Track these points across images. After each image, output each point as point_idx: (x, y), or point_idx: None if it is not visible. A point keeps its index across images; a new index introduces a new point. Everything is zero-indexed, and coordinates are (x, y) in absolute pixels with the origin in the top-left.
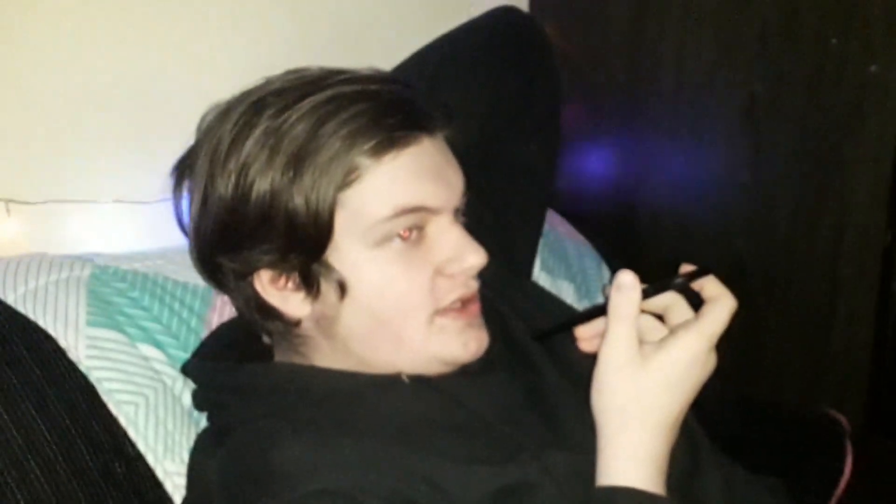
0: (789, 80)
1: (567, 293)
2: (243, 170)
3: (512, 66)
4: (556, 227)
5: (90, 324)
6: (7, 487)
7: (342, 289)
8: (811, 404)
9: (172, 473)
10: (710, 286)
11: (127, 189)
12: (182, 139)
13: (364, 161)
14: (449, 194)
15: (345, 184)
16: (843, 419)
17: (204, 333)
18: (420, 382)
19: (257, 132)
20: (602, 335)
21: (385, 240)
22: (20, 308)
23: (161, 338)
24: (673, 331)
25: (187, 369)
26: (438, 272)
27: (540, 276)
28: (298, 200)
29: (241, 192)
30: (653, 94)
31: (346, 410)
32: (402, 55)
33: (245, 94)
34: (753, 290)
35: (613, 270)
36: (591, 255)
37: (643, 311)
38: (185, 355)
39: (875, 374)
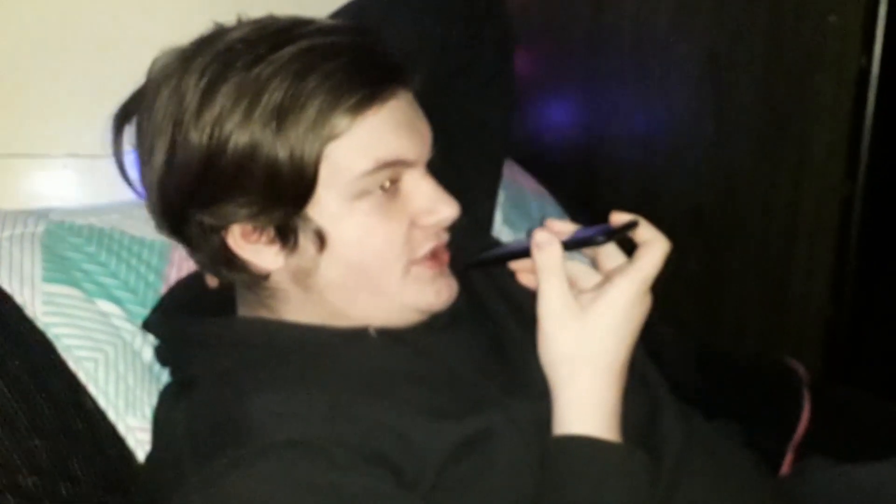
0: (749, 31)
1: None
2: (218, 122)
3: (459, 14)
4: (517, 180)
5: (46, 280)
6: None
7: (321, 241)
8: (770, 352)
9: (134, 429)
10: (642, 230)
11: (81, 143)
12: None
13: (348, 115)
14: (422, 146)
15: (329, 138)
16: (800, 368)
17: (162, 289)
18: (387, 335)
19: (231, 83)
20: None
21: (364, 193)
22: None
23: (119, 293)
24: (608, 276)
25: (149, 324)
26: (413, 224)
27: (502, 229)
28: (282, 154)
29: (217, 146)
30: (614, 44)
31: (313, 362)
32: None
33: (204, 43)
34: (714, 239)
35: (575, 221)
36: (553, 206)
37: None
38: (144, 311)
39: (832, 322)
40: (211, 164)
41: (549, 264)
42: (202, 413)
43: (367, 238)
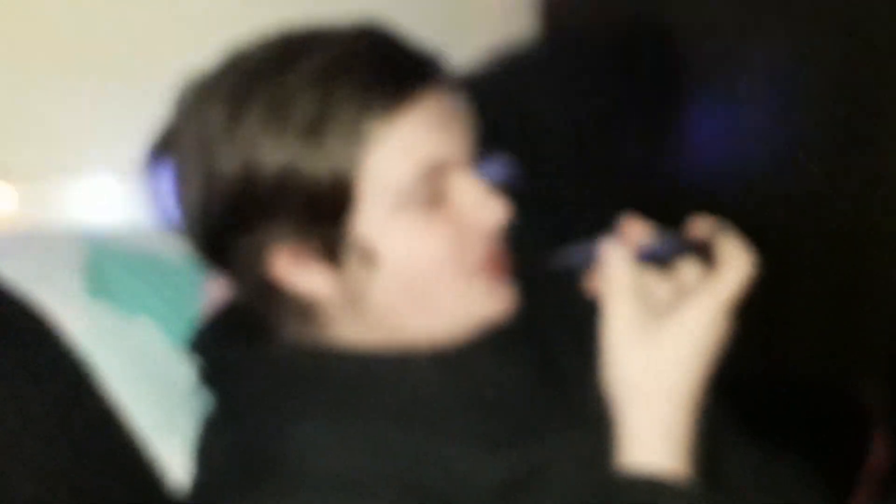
0: (820, 44)
1: None
2: (250, 143)
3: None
4: None
5: (86, 301)
6: (8, 468)
7: (370, 258)
8: (839, 377)
9: (174, 453)
10: (723, 243)
11: (123, 160)
12: None
13: (381, 120)
14: (465, 144)
15: (365, 146)
16: (874, 395)
17: (204, 309)
18: (437, 359)
19: (259, 101)
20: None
21: (408, 200)
22: (16, 284)
23: (161, 313)
24: (683, 292)
25: (195, 346)
26: (462, 228)
27: None
28: (320, 168)
29: (252, 166)
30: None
31: (359, 391)
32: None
33: (229, 63)
34: (779, 258)
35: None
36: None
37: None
38: (186, 331)
39: None
40: (248, 185)
41: (617, 280)
42: (242, 442)
43: (416, 248)
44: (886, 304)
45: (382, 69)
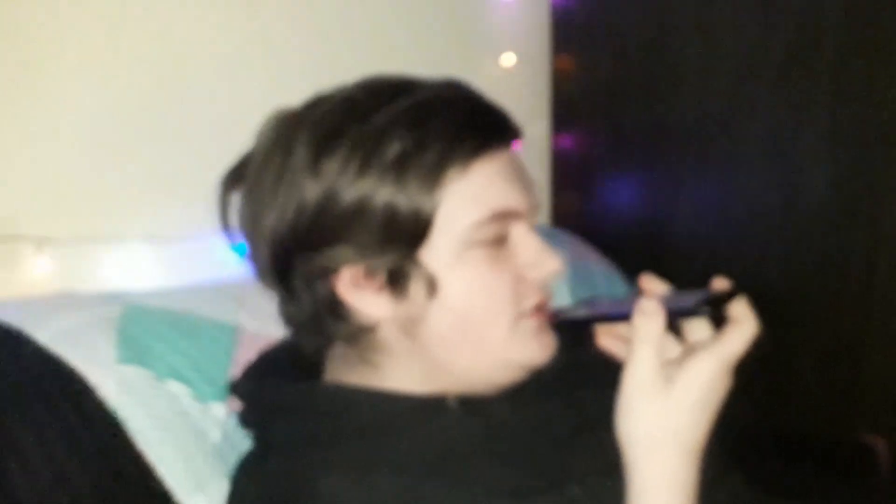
0: (813, 108)
1: None
2: (337, 171)
3: None
4: (584, 256)
5: (119, 361)
6: None
7: (432, 287)
8: (846, 432)
9: None
10: (735, 307)
11: (156, 226)
12: (211, 175)
13: (464, 164)
14: (531, 199)
15: (445, 186)
16: (879, 445)
17: (231, 369)
18: (468, 408)
19: (349, 133)
20: (620, 338)
21: (475, 242)
22: (51, 347)
23: (189, 374)
24: (692, 349)
25: (235, 388)
26: (519, 277)
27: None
28: (400, 201)
29: (335, 193)
30: (677, 123)
31: (388, 438)
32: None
33: (314, 102)
34: (786, 317)
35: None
36: (620, 283)
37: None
38: (213, 391)
39: None
40: (327, 210)
41: (649, 334)
42: (275, 485)
43: (476, 288)
44: (889, 369)
45: (468, 120)
